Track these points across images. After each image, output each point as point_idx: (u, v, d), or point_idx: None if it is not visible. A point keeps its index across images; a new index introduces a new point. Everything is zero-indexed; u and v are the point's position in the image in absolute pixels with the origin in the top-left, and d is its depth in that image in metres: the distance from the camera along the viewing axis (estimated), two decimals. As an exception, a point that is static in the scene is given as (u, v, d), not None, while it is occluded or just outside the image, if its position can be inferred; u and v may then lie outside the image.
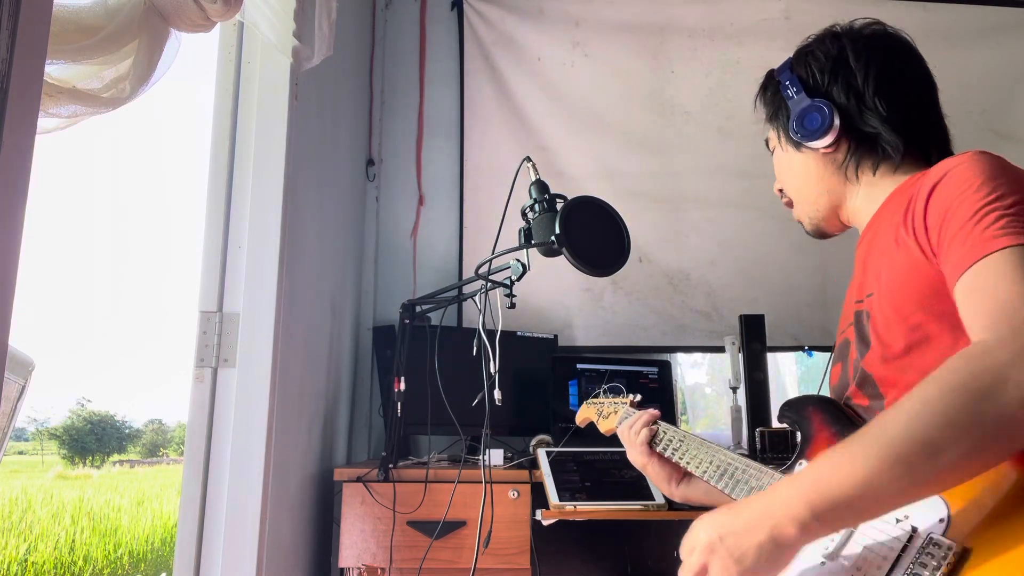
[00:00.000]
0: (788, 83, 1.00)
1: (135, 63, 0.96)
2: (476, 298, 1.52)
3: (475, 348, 1.47)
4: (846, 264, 1.03)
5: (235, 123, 1.47)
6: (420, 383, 1.72)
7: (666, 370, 2.19)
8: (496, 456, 1.81)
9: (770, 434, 1.84)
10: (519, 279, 1.44)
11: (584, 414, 1.38)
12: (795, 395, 1.01)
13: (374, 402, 2.29)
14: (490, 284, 1.48)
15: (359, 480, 1.70)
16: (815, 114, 0.96)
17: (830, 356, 1.05)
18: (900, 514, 0.74)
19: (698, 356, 2.67)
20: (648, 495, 1.70)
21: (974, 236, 0.73)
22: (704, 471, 1.02)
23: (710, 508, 0.80)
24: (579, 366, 2.11)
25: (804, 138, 0.98)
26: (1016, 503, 0.67)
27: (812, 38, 1.02)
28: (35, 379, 0.88)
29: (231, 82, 1.47)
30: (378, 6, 2.55)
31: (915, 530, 0.72)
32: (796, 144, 1.01)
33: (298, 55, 1.50)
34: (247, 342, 1.40)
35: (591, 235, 1.37)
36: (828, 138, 0.96)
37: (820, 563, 0.80)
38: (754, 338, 2.04)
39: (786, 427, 0.97)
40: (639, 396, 1.27)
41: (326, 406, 1.95)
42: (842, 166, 0.98)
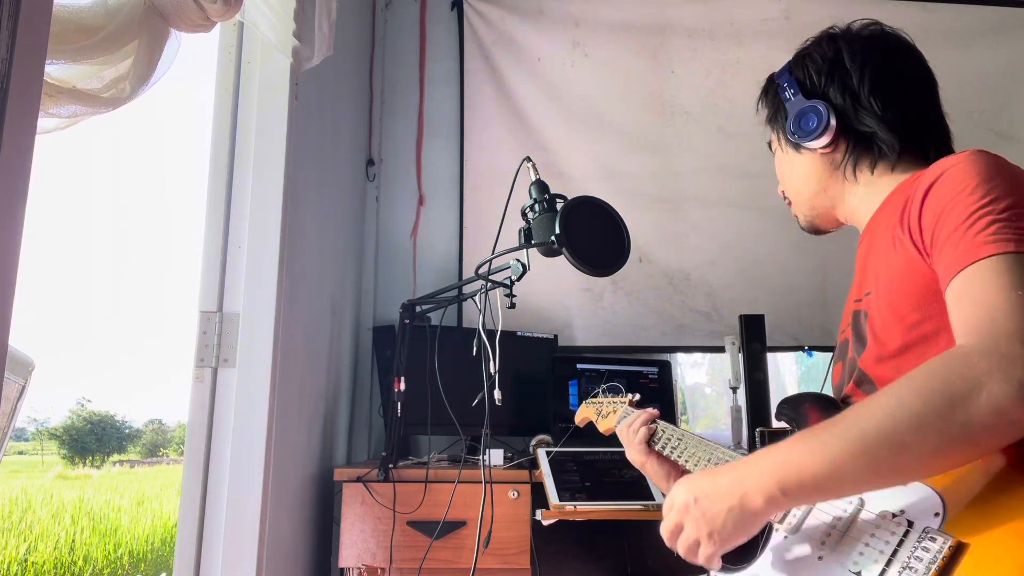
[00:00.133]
0: (786, 85, 1.01)
1: (135, 63, 0.96)
2: (476, 298, 1.52)
3: (475, 348, 1.47)
4: (846, 264, 1.03)
5: (235, 123, 1.47)
6: (420, 383, 1.72)
7: (666, 370, 2.20)
8: (496, 456, 1.81)
9: (770, 434, 1.83)
10: (519, 279, 1.44)
11: (583, 413, 1.38)
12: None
13: (374, 402, 2.29)
14: (490, 284, 1.48)
15: (359, 480, 1.71)
16: (812, 115, 0.97)
17: (831, 356, 1.05)
18: (896, 509, 0.75)
19: (698, 356, 2.67)
20: (648, 495, 1.70)
21: (965, 241, 0.73)
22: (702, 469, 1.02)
23: None
24: (579, 366, 2.11)
25: (802, 139, 0.98)
26: (1011, 498, 0.68)
27: (810, 41, 1.03)
28: (35, 379, 0.88)
29: (231, 82, 1.47)
30: (378, 6, 2.55)
31: (911, 525, 0.73)
32: (795, 145, 1.02)
33: (298, 55, 1.50)
34: (247, 342, 1.40)
35: (591, 235, 1.37)
36: (825, 138, 0.96)
37: (817, 558, 0.80)
38: (754, 338, 2.04)
39: (786, 427, 0.97)
40: (638, 395, 1.28)
41: (326, 406, 1.95)
42: (840, 166, 0.99)
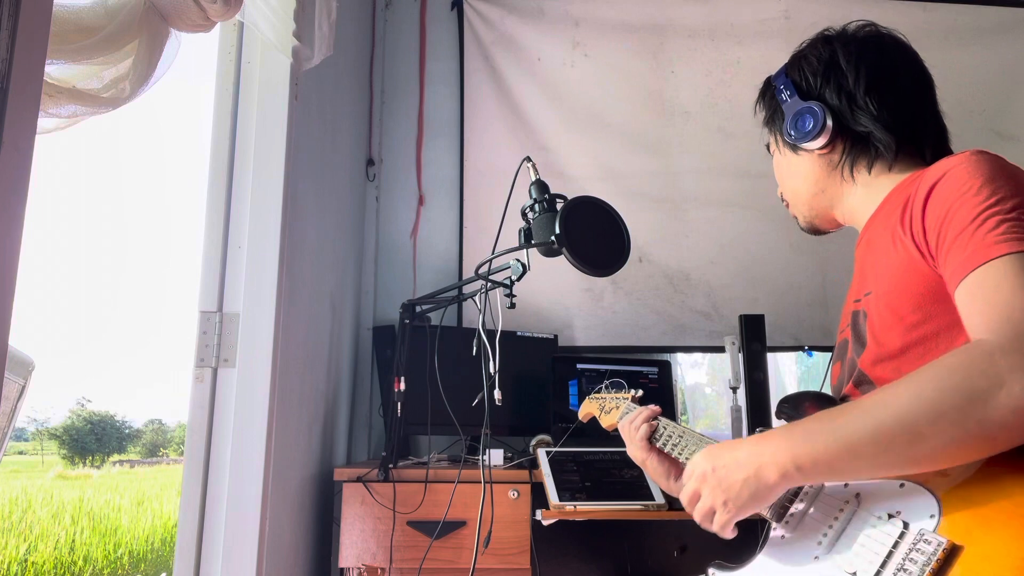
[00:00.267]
0: (782, 87, 1.02)
1: (135, 63, 0.96)
2: (476, 298, 1.52)
3: (475, 348, 1.47)
4: (846, 264, 1.03)
5: (235, 123, 1.47)
6: (420, 383, 1.72)
7: (666, 370, 2.19)
8: (496, 456, 1.81)
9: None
10: (519, 279, 1.44)
11: (586, 409, 1.38)
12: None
13: (374, 402, 2.29)
14: (490, 284, 1.48)
15: (359, 480, 1.71)
16: (808, 116, 0.97)
17: (831, 356, 1.05)
18: (892, 510, 0.76)
19: (698, 356, 2.67)
20: (648, 495, 1.70)
21: (975, 241, 0.73)
22: None
23: None
24: (579, 366, 2.10)
25: (799, 140, 0.99)
26: (1006, 500, 0.68)
27: (805, 43, 1.04)
28: (35, 379, 0.88)
29: (231, 82, 1.47)
30: (378, 6, 2.55)
31: (907, 526, 0.73)
32: (792, 147, 1.02)
33: (298, 55, 1.50)
34: (247, 342, 1.40)
35: (591, 235, 1.37)
36: (822, 139, 0.97)
37: (813, 557, 0.81)
38: (754, 338, 2.04)
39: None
40: (640, 392, 1.28)
41: (326, 406, 1.95)
42: (838, 166, 0.99)
